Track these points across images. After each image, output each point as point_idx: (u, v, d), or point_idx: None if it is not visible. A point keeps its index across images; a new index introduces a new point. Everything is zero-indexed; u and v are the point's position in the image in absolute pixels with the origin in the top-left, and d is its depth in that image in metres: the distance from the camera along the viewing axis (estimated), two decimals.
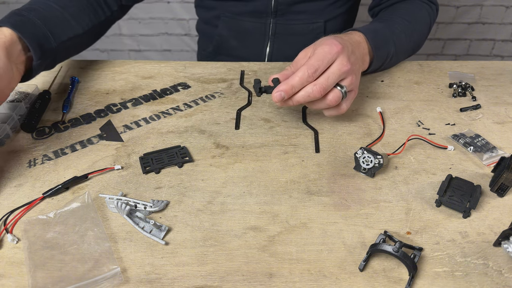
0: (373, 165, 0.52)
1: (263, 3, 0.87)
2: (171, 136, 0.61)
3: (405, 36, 0.74)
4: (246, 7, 0.89)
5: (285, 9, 0.87)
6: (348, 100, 0.60)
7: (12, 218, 0.48)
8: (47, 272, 0.41)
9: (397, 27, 0.74)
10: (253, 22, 0.90)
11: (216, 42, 0.97)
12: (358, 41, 0.66)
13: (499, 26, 1.92)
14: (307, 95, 0.55)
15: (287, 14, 0.88)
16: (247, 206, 0.50)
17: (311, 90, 0.55)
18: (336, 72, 0.56)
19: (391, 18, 0.77)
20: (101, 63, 0.79)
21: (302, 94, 0.55)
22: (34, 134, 0.61)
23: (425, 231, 0.46)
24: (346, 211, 0.49)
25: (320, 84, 0.55)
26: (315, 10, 0.89)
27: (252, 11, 0.89)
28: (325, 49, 0.56)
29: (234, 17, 0.91)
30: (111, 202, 0.48)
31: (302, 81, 0.55)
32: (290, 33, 0.91)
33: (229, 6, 0.91)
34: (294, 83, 0.55)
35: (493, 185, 0.51)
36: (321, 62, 0.55)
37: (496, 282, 0.41)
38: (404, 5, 0.80)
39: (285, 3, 0.86)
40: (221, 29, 0.95)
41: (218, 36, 0.96)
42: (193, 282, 0.41)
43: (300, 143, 0.60)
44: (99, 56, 2.09)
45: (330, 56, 0.56)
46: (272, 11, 0.88)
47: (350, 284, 0.41)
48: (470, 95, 0.71)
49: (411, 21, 0.76)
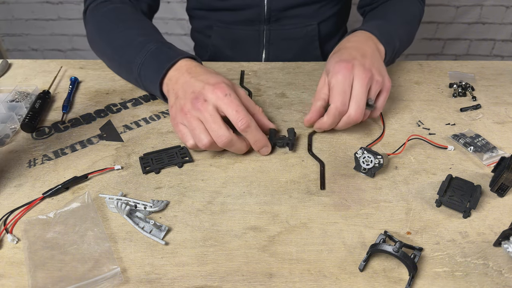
0: (373, 165, 0.52)
1: (255, 11, 0.86)
2: (171, 136, 0.61)
3: (403, 31, 0.74)
4: (239, 16, 0.88)
5: (278, 15, 0.87)
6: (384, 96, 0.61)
7: (12, 218, 0.48)
8: (47, 272, 0.41)
9: (395, 23, 0.74)
10: (246, 30, 0.89)
11: (211, 51, 0.96)
12: (366, 38, 0.66)
13: (499, 26, 1.92)
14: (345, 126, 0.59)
15: (280, 20, 0.88)
16: (247, 206, 0.50)
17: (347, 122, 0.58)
18: (360, 91, 0.56)
19: (386, 15, 0.77)
20: (101, 63, 0.79)
21: (340, 126, 0.59)
22: (34, 134, 0.61)
23: (425, 231, 0.46)
24: (346, 211, 0.49)
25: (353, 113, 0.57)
26: (308, 14, 0.88)
27: (244, 20, 0.88)
28: (339, 78, 0.57)
29: (226, 27, 0.90)
30: (111, 202, 0.48)
31: (335, 121, 0.58)
32: (284, 38, 0.90)
33: (221, 15, 0.90)
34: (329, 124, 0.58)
35: (493, 185, 0.51)
36: (343, 93, 0.56)
37: (496, 282, 0.41)
38: (396, 2, 0.81)
39: (277, 10, 0.86)
40: (215, 39, 0.93)
41: (212, 46, 0.95)
42: (193, 282, 0.41)
43: (300, 143, 0.59)
44: None
45: (348, 81, 0.56)
46: (265, 19, 0.87)
47: (350, 284, 0.41)
48: (470, 95, 0.71)
49: (405, 17, 0.77)
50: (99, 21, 0.73)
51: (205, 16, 0.92)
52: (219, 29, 0.91)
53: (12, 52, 2.14)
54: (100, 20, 0.73)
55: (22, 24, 2.02)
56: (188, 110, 0.53)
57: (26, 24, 2.02)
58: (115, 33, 0.69)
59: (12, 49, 2.13)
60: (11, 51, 2.14)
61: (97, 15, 0.73)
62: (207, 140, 0.52)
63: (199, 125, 0.53)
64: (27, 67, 0.78)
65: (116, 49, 0.68)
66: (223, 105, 0.52)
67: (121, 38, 0.68)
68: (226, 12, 0.88)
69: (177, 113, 0.55)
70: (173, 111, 0.56)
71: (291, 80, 0.75)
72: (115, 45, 0.68)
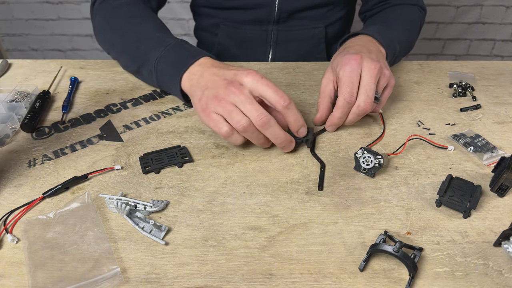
0: (373, 165, 0.52)
1: (266, 11, 0.86)
2: (171, 136, 0.61)
3: (403, 36, 0.75)
4: (248, 16, 0.88)
5: (287, 16, 0.87)
6: (389, 91, 0.62)
7: (12, 218, 0.48)
8: (47, 272, 0.41)
9: (396, 29, 0.74)
10: (254, 30, 0.89)
11: (217, 50, 0.95)
12: (368, 40, 0.66)
13: (499, 26, 1.92)
14: (355, 118, 0.59)
15: (289, 21, 0.88)
16: (247, 206, 0.50)
17: (357, 114, 0.58)
18: (370, 81, 0.57)
19: (386, 21, 0.78)
20: (101, 63, 0.79)
21: (350, 119, 0.59)
22: (34, 134, 0.61)
23: (425, 231, 0.46)
24: (346, 211, 0.49)
25: (363, 105, 0.57)
26: (316, 16, 0.89)
27: (254, 20, 0.88)
28: (347, 69, 0.57)
29: (234, 26, 0.90)
30: (111, 202, 0.48)
31: (344, 113, 0.58)
32: (292, 39, 0.91)
33: (229, 14, 0.89)
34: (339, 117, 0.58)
35: (493, 185, 0.51)
36: (351, 84, 0.56)
37: (496, 282, 0.41)
38: (397, 9, 0.81)
39: (288, 11, 0.86)
40: (221, 38, 0.93)
41: (218, 45, 0.94)
42: (193, 282, 0.41)
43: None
44: (99, 56, 2.09)
45: (356, 72, 0.57)
46: (275, 19, 0.87)
47: (350, 284, 0.41)
48: (470, 95, 0.71)
49: (405, 24, 0.77)
50: (109, 15, 0.73)
51: (212, 14, 0.92)
52: (226, 27, 0.91)
53: (12, 52, 2.14)
54: (110, 13, 0.73)
55: (22, 24, 2.02)
56: (222, 96, 0.52)
57: (26, 24, 2.02)
58: (130, 26, 0.69)
59: (12, 49, 2.13)
60: (11, 51, 2.14)
61: (107, 9, 0.74)
62: (245, 120, 0.51)
63: (235, 108, 0.52)
64: (27, 67, 0.78)
65: (130, 42, 0.68)
66: (261, 86, 0.52)
67: (136, 31, 0.67)
68: (235, 11, 0.88)
69: (209, 102, 0.53)
70: (203, 102, 0.54)
71: (291, 80, 0.75)
72: (129, 38, 0.68)
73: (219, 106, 0.52)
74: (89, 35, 2.03)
